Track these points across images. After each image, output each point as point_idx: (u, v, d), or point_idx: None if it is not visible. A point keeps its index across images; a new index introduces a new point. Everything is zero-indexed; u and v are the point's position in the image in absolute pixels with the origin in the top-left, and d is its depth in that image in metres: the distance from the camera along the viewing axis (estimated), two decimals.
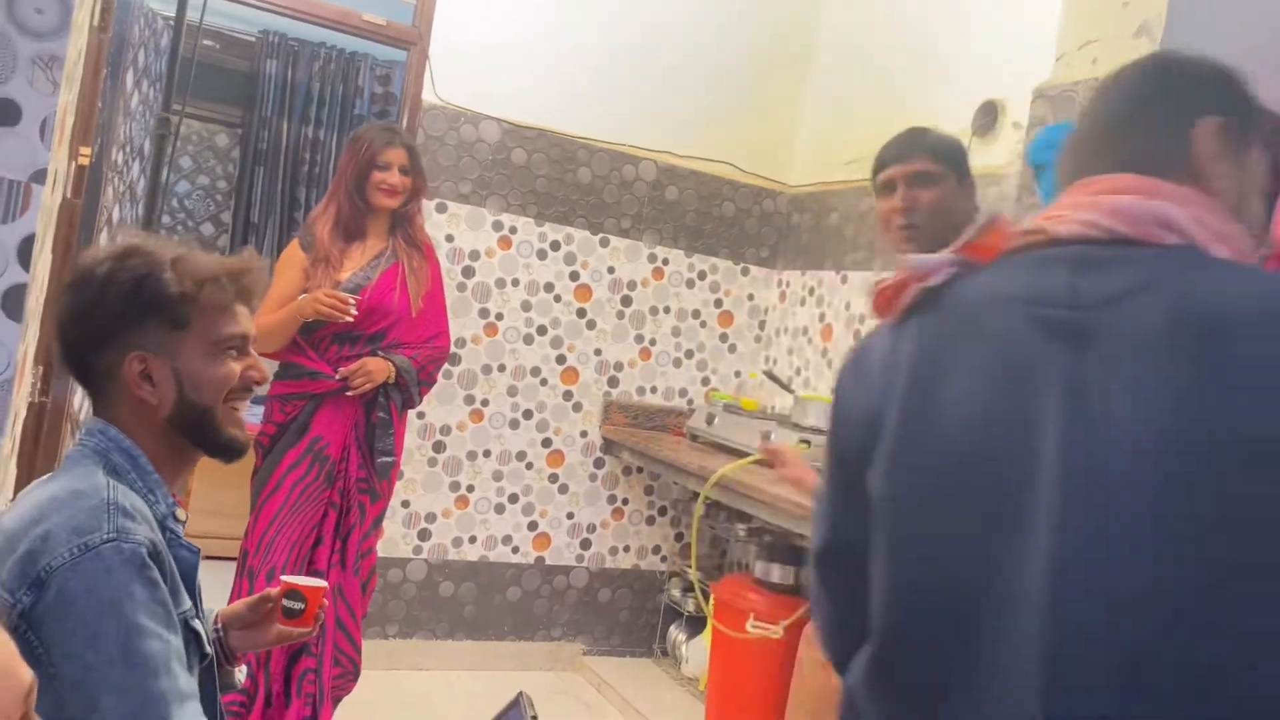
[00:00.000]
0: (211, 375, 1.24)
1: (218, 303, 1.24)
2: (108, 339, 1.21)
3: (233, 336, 1.26)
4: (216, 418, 1.25)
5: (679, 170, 3.74)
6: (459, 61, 3.40)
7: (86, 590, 1.07)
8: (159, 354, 1.21)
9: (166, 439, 1.24)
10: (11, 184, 1.62)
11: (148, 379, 1.21)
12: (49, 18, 1.61)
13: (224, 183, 5.68)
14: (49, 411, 2.70)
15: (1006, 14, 3.00)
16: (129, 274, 1.20)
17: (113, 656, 1.06)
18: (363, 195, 2.57)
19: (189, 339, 1.23)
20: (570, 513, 3.69)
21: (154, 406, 1.22)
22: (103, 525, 1.10)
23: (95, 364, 1.22)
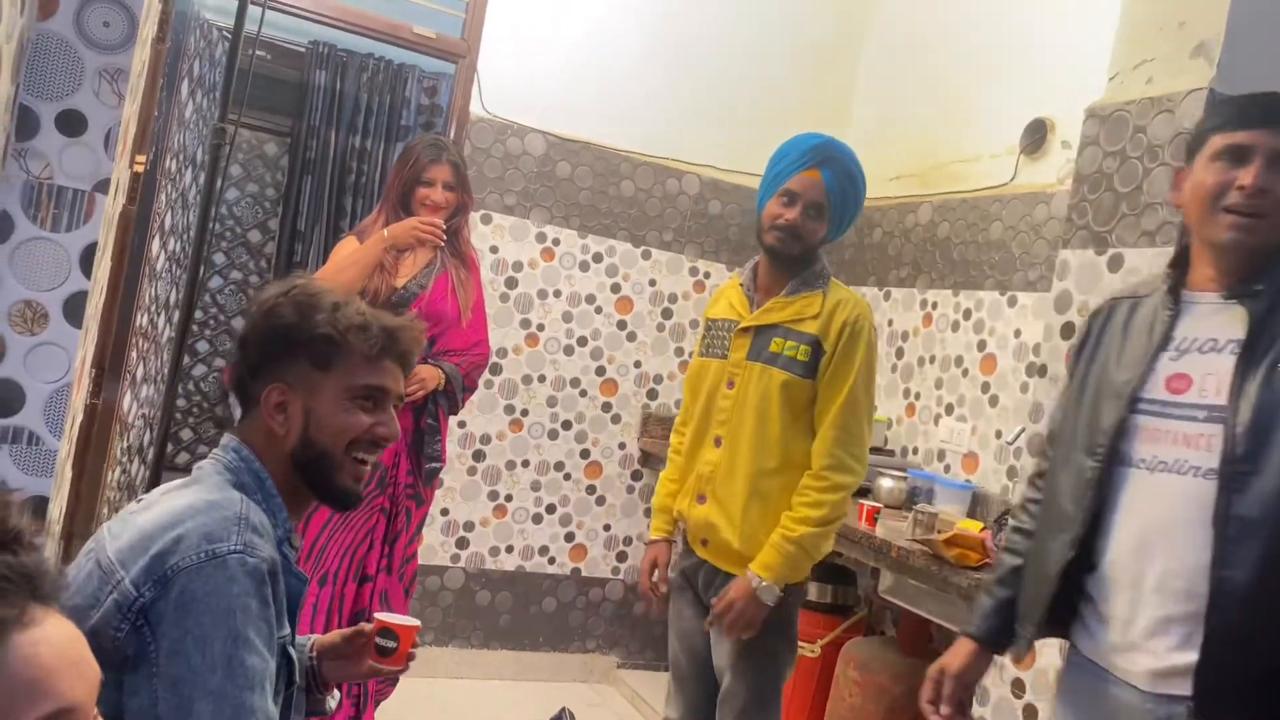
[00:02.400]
0: (337, 420, 1.26)
1: (363, 351, 1.27)
2: (260, 367, 1.27)
3: (370, 388, 1.28)
4: (333, 462, 1.27)
5: (722, 184, 3.74)
6: (506, 74, 3.43)
7: (206, 595, 1.10)
8: (297, 389, 1.26)
9: (287, 473, 1.27)
10: (76, 193, 1.66)
11: (282, 410, 1.26)
12: (115, 31, 1.65)
13: (272, 190, 5.76)
14: (100, 413, 2.75)
15: (1058, 32, 2.98)
16: (288, 310, 1.27)
17: (216, 663, 1.09)
18: (408, 211, 2.62)
19: (328, 381, 1.26)
20: (607, 524, 3.70)
21: (280, 438, 1.26)
22: (232, 536, 1.14)
23: (248, 388, 1.29)
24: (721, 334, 2.17)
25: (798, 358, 2.05)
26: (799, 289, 2.11)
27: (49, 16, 1.62)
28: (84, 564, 1.18)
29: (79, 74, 1.64)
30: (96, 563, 1.16)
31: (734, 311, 2.16)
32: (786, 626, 2.11)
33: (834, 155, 2.11)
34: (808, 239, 2.09)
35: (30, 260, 1.65)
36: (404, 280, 2.60)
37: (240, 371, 1.30)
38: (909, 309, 3.41)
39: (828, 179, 2.08)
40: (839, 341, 2.04)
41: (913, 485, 2.98)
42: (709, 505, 2.10)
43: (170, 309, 3.60)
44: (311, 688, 1.42)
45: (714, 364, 2.15)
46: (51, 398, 1.69)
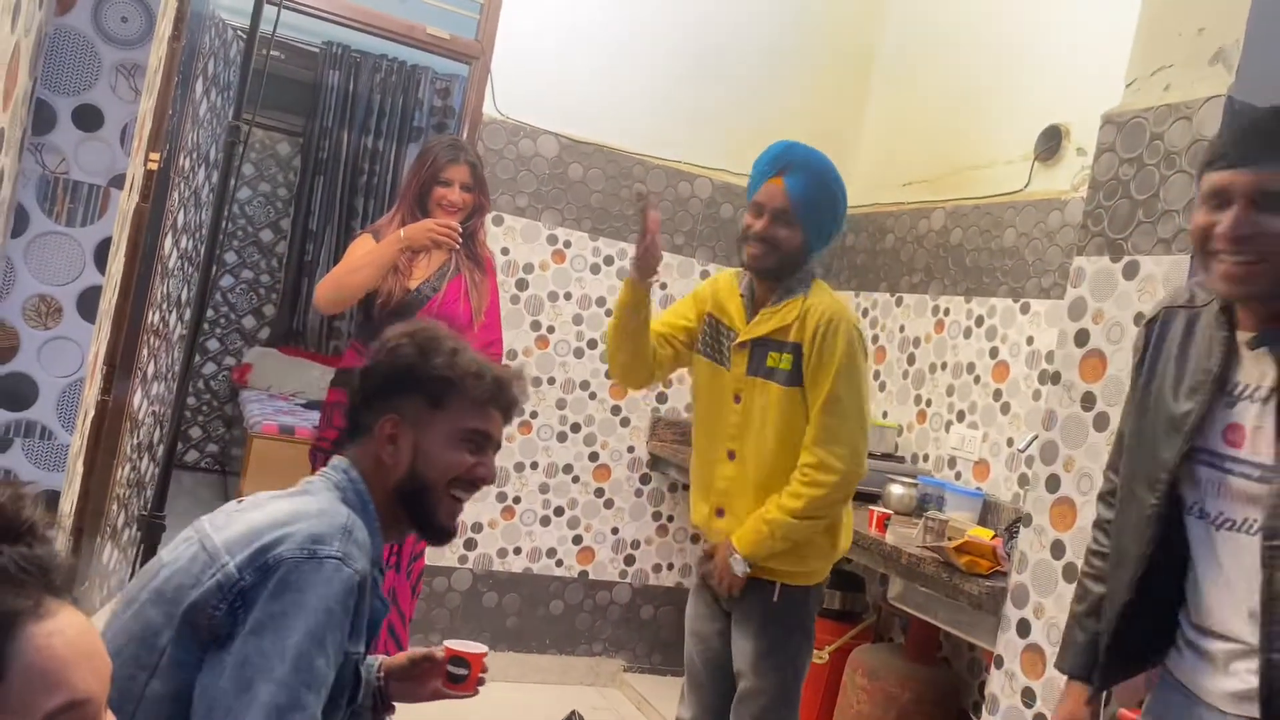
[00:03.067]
0: (444, 458, 1.36)
1: (475, 397, 1.37)
2: (377, 398, 1.37)
3: (477, 432, 1.38)
4: (434, 497, 1.36)
5: (734, 188, 3.73)
6: (520, 76, 3.43)
7: (297, 588, 1.16)
8: (409, 423, 1.35)
9: (388, 502, 1.36)
10: (92, 188, 1.66)
11: (393, 441, 1.35)
12: (133, 26, 1.65)
13: (284, 190, 5.78)
14: (110, 410, 2.76)
15: (1074, 38, 2.96)
16: (410, 349, 1.37)
17: (287, 653, 1.14)
18: (425, 211, 2.61)
19: (439, 420, 1.36)
20: (615, 528, 3.69)
21: (389, 467, 1.35)
22: (335, 542, 1.21)
23: (362, 416, 1.38)
24: (720, 338, 2.18)
25: (782, 367, 2.08)
26: (783, 296, 2.12)
27: (67, 11, 1.63)
28: (183, 550, 1.25)
29: (96, 69, 1.64)
30: (200, 547, 1.23)
31: (733, 321, 2.17)
32: (805, 627, 2.14)
33: (794, 161, 2.11)
34: (782, 246, 2.08)
35: (45, 254, 1.65)
36: (417, 282, 2.60)
37: (355, 400, 1.40)
38: (921, 315, 3.39)
39: (790, 185, 2.08)
40: (814, 343, 2.06)
41: (923, 492, 2.97)
42: (728, 519, 2.14)
43: (182, 307, 3.61)
44: (377, 706, 1.48)
45: (723, 374, 2.16)
46: (64, 392, 1.69)
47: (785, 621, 2.08)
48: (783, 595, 2.09)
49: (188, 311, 3.63)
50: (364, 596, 1.24)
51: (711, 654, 2.20)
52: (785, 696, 2.10)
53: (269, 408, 4.67)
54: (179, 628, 1.18)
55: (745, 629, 2.12)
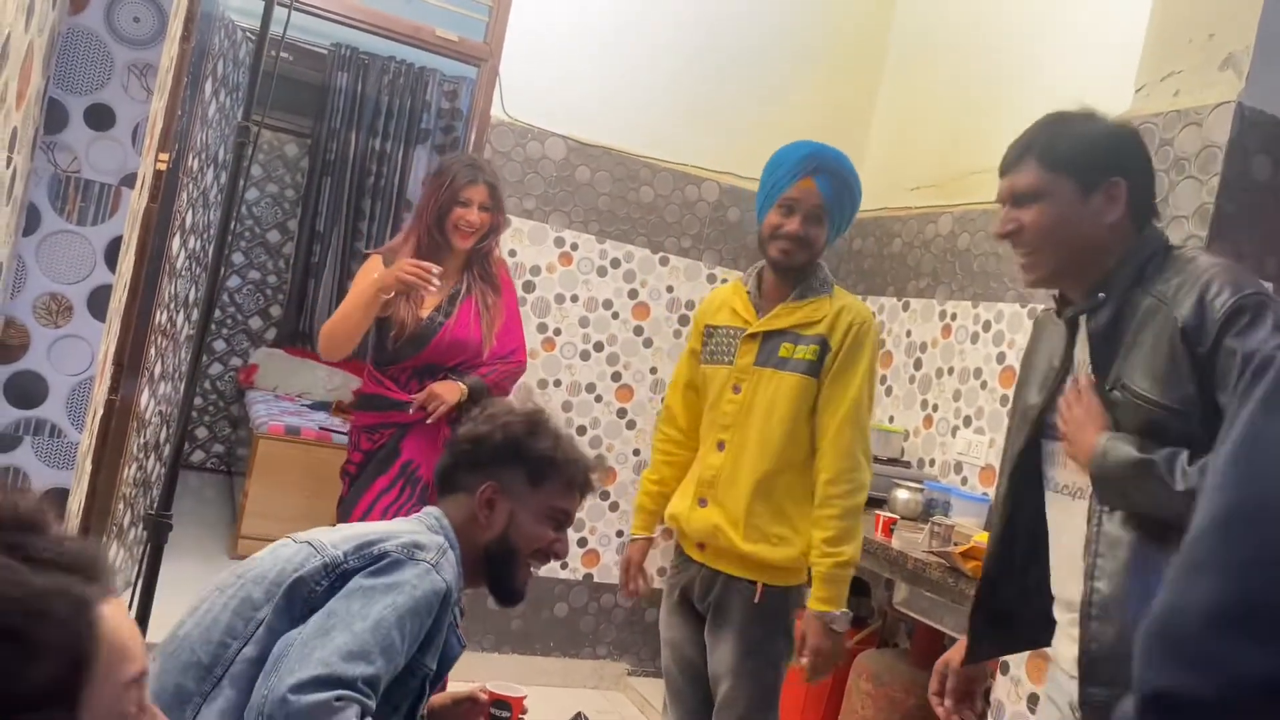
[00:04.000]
0: (534, 530, 1.51)
1: (569, 480, 1.54)
2: (482, 465, 1.52)
3: (564, 511, 1.55)
4: (516, 564, 1.51)
5: (741, 191, 3.74)
6: (527, 78, 3.44)
7: (393, 574, 1.31)
8: (507, 494, 1.51)
9: (472, 557, 1.49)
10: (103, 187, 1.66)
11: (490, 507, 1.50)
12: (145, 26, 1.66)
13: (292, 191, 5.79)
14: (118, 409, 2.77)
15: (1083, 43, 2.96)
16: (522, 423, 1.54)
17: (370, 616, 1.26)
18: (442, 231, 2.57)
19: (534, 496, 1.52)
20: (620, 530, 3.69)
21: (482, 528, 1.50)
22: (432, 555, 1.37)
23: (461, 478, 1.53)
24: (725, 341, 2.18)
25: (806, 358, 2.07)
26: (805, 294, 2.13)
27: (80, 11, 1.63)
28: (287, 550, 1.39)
29: (108, 68, 1.65)
30: (309, 547, 1.37)
31: (739, 319, 2.17)
32: (787, 629, 2.11)
33: (826, 162, 2.14)
34: (812, 246, 2.11)
35: (56, 253, 1.65)
36: (429, 310, 2.56)
37: (458, 462, 1.54)
38: (928, 320, 3.39)
39: (823, 186, 2.11)
40: (844, 341, 2.06)
41: (929, 497, 2.96)
42: (710, 508, 2.11)
43: (189, 307, 3.62)
44: None
45: (720, 370, 2.16)
46: (74, 390, 1.69)
47: (766, 623, 2.05)
48: (764, 595, 2.06)
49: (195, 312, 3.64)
50: (446, 609, 1.36)
51: (686, 663, 2.19)
52: (766, 700, 2.07)
53: (275, 408, 4.68)
54: (279, 601, 1.30)
55: (724, 632, 2.09)
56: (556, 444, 1.53)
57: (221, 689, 1.27)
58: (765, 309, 2.15)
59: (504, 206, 2.68)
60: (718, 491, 2.10)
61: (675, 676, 2.22)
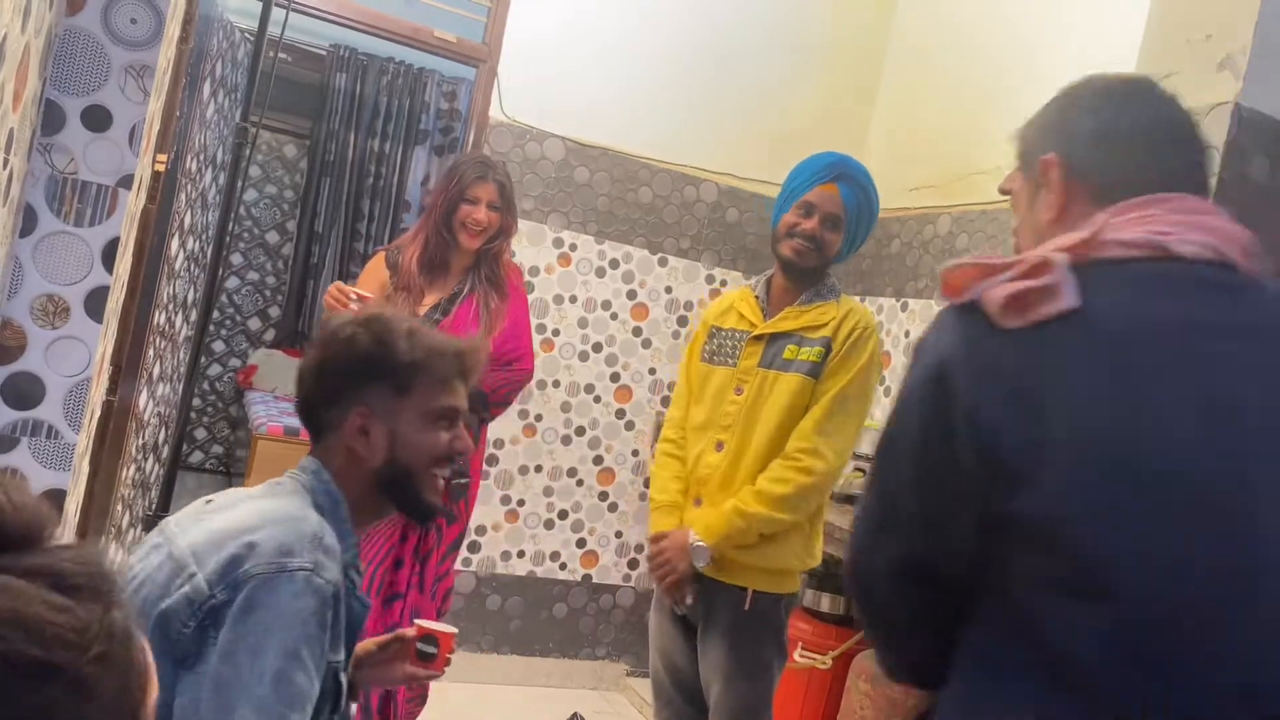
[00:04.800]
0: (422, 441, 1.34)
1: (440, 375, 1.35)
2: (340, 394, 1.33)
3: (447, 409, 1.36)
4: (418, 481, 1.35)
5: (740, 192, 3.74)
6: (526, 79, 3.44)
7: (270, 605, 1.13)
8: (380, 414, 1.32)
9: (368, 492, 1.34)
10: (100, 188, 1.66)
11: (365, 434, 1.32)
12: (142, 27, 1.66)
13: (291, 192, 5.79)
14: (116, 411, 2.76)
15: (1081, 43, 2.96)
16: (368, 336, 1.33)
17: (265, 673, 1.11)
18: (450, 229, 2.55)
19: (409, 405, 1.34)
20: (619, 531, 3.69)
21: (364, 460, 1.32)
22: (304, 553, 1.18)
23: (324, 414, 1.35)
24: (729, 342, 2.19)
25: (809, 359, 2.08)
26: (813, 299, 2.14)
27: (77, 12, 1.63)
28: (152, 557, 1.23)
29: (105, 69, 1.65)
30: (168, 554, 1.21)
31: (745, 321, 2.18)
32: (777, 635, 2.11)
33: (850, 172, 2.15)
34: (825, 250, 2.12)
35: (53, 254, 1.65)
36: (426, 308, 2.56)
37: (313, 398, 1.36)
38: (926, 321, 3.39)
39: (845, 194, 2.12)
40: (845, 343, 2.07)
41: None
42: (705, 509, 2.10)
43: (188, 308, 3.62)
44: None
45: (721, 371, 2.17)
46: (71, 392, 1.69)
47: (757, 630, 2.04)
48: (754, 602, 2.05)
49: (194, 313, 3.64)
50: (339, 604, 1.21)
51: (676, 671, 2.17)
52: (758, 706, 2.06)
53: (274, 409, 4.68)
54: (153, 635, 1.15)
55: (714, 639, 2.07)
56: (412, 342, 1.34)
57: None
58: (773, 312, 2.16)
59: (515, 208, 2.66)
60: (713, 491, 2.09)
61: (664, 682, 2.22)
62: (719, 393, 2.15)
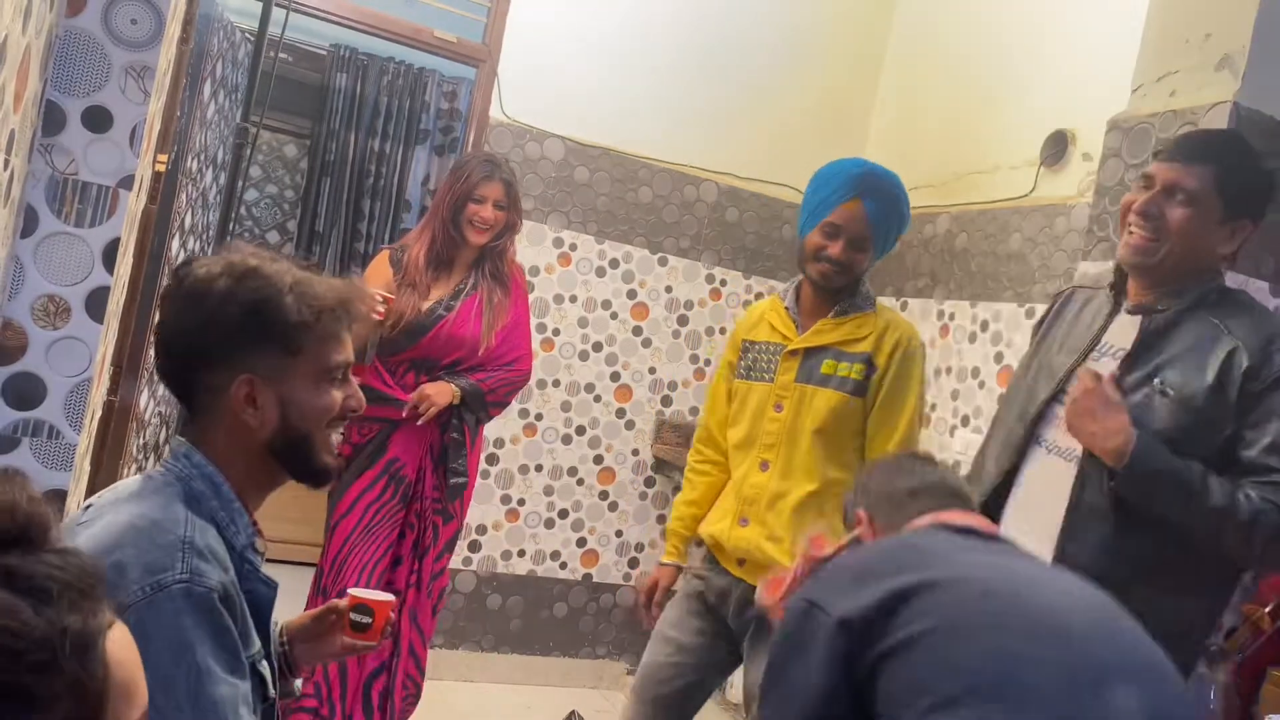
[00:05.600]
0: (317, 403, 1.22)
1: (330, 331, 1.22)
2: (217, 358, 1.18)
3: (339, 365, 1.24)
4: (314, 444, 1.23)
5: (740, 192, 3.74)
6: (526, 79, 3.44)
7: (157, 632, 1.04)
8: (267, 378, 1.18)
9: (259, 462, 1.22)
10: (100, 189, 1.67)
11: (252, 403, 1.18)
12: (142, 28, 1.66)
13: (291, 192, 5.80)
14: (117, 411, 2.77)
15: (1080, 43, 2.97)
16: (247, 295, 1.17)
17: (181, 702, 1.04)
18: (457, 226, 2.57)
19: (299, 365, 1.20)
20: (619, 530, 3.69)
21: (254, 429, 1.19)
22: (176, 565, 1.07)
23: (198, 381, 1.20)
24: (765, 357, 2.14)
25: (851, 376, 2.04)
26: (847, 310, 2.10)
27: (77, 13, 1.64)
28: None
29: (106, 70, 1.65)
30: None
31: (777, 334, 2.13)
32: None
33: (875, 184, 2.08)
34: (853, 270, 2.08)
35: (53, 255, 1.66)
36: (430, 302, 2.57)
37: (182, 365, 1.21)
38: (926, 319, 3.39)
39: (870, 209, 2.05)
40: (891, 363, 2.04)
41: None
42: (752, 528, 2.07)
43: None
44: (283, 673, 1.38)
45: (759, 387, 2.12)
46: (72, 392, 1.70)
47: None
48: None
49: None
50: (232, 603, 1.12)
51: (681, 667, 2.12)
52: None
53: None
54: None
55: (764, 647, 1.97)
56: (298, 299, 1.19)
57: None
58: (805, 325, 2.11)
59: (520, 206, 2.69)
60: (760, 511, 2.06)
61: (661, 671, 2.15)
62: (759, 410, 2.11)
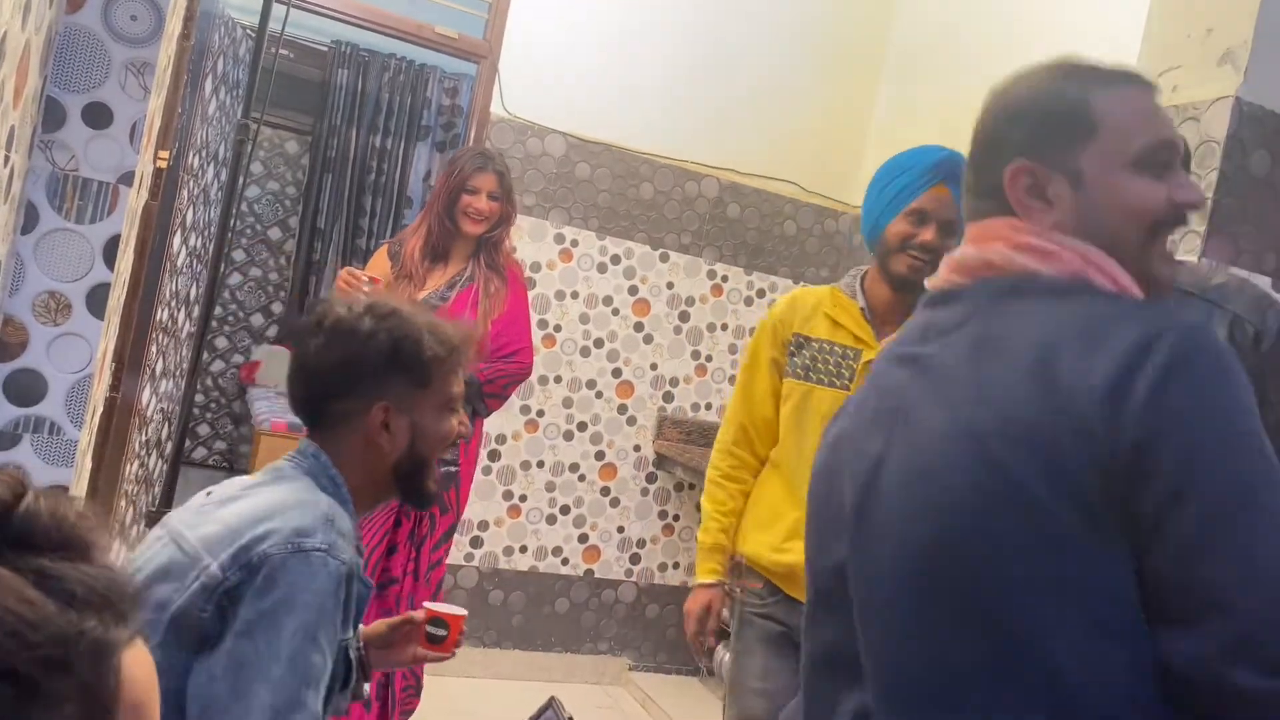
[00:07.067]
0: (439, 430, 1.38)
1: (453, 365, 1.40)
2: (357, 388, 1.34)
3: (457, 396, 1.41)
4: (429, 470, 1.39)
5: (741, 188, 3.74)
6: (527, 76, 3.44)
7: (287, 585, 1.16)
8: (400, 407, 1.34)
9: (381, 481, 1.37)
10: (101, 185, 1.67)
11: (386, 428, 1.34)
12: (142, 24, 1.66)
13: (293, 188, 5.80)
14: (119, 407, 2.77)
15: (1082, 39, 2.96)
16: (389, 334, 1.34)
17: (281, 653, 1.13)
18: (452, 218, 2.62)
19: (427, 397, 1.37)
20: (621, 526, 3.69)
21: (385, 452, 1.34)
22: (319, 534, 1.20)
23: (334, 406, 1.35)
24: (831, 358, 1.93)
25: None
26: None
27: (77, 9, 1.64)
28: (158, 551, 1.24)
29: (106, 67, 1.65)
30: (177, 548, 1.22)
31: (848, 335, 1.92)
32: None
33: (958, 169, 1.95)
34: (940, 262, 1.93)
35: (54, 251, 1.66)
36: (426, 292, 2.60)
37: (321, 392, 1.36)
38: None
39: (957, 195, 1.81)
40: None
41: None
42: None
43: (190, 304, 3.62)
44: (357, 677, 1.48)
45: (825, 392, 1.90)
46: (73, 388, 1.70)
47: None
48: None
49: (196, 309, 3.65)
50: (353, 585, 1.24)
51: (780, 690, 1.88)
52: None
53: (277, 405, 4.69)
54: (164, 635, 1.16)
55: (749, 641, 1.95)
56: (433, 337, 1.37)
57: None
58: (881, 327, 1.90)
59: (514, 199, 2.72)
60: None
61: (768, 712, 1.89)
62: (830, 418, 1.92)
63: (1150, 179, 0.98)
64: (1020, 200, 1.00)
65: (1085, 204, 0.98)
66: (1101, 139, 0.98)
